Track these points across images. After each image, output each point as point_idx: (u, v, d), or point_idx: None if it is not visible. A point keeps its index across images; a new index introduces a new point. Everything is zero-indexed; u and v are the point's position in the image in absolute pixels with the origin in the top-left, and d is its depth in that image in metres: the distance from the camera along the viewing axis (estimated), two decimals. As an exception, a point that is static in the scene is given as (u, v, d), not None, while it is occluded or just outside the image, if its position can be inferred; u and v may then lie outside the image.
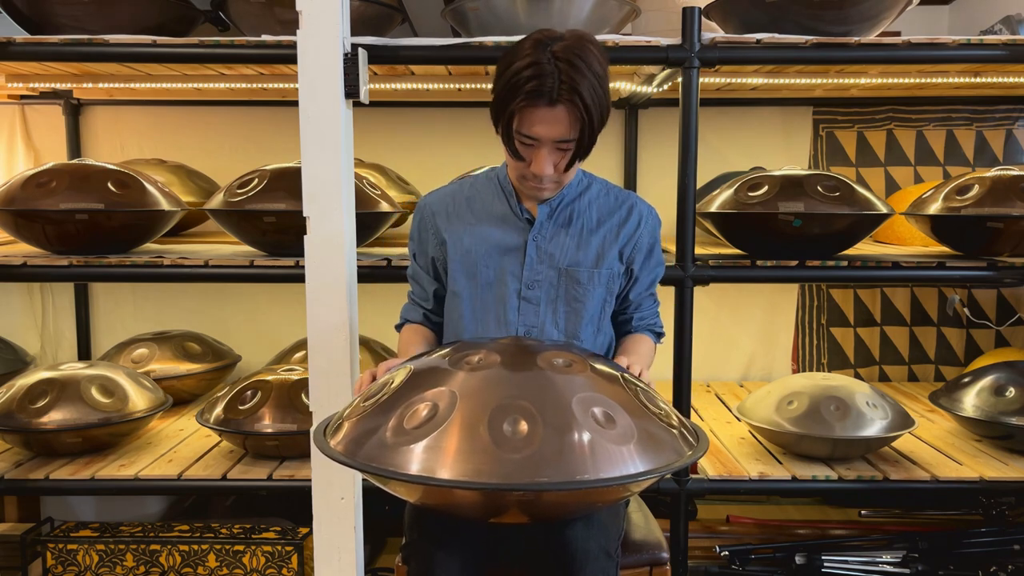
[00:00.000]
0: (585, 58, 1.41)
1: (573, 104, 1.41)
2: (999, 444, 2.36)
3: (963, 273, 2.24)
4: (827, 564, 2.46)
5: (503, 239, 1.63)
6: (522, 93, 1.40)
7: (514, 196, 1.64)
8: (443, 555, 1.43)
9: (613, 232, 1.64)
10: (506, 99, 1.44)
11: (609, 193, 1.68)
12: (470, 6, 2.22)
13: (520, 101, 1.41)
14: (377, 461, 1.14)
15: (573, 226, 1.63)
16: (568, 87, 1.40)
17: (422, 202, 1.72)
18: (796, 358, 3.15)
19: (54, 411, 2.21)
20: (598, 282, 1.62)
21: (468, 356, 1.27)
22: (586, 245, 1.62)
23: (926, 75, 2.51)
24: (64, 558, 2.32)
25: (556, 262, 1.62)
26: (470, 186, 1.71)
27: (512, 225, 1.64)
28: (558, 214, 1.63)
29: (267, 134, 3.03)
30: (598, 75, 1.43)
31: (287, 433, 2.21)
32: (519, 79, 1.41)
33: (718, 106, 3.01)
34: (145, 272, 2.18)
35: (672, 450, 1.20)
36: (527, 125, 1.44)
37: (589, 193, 1.66)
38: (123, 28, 2.18)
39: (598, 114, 1.44)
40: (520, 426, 1.13)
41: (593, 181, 1.69)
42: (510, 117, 1.45)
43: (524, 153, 1.49)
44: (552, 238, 1.62)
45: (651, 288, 1.74)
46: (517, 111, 1.43)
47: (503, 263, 1.62)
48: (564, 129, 1.44)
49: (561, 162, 1.50)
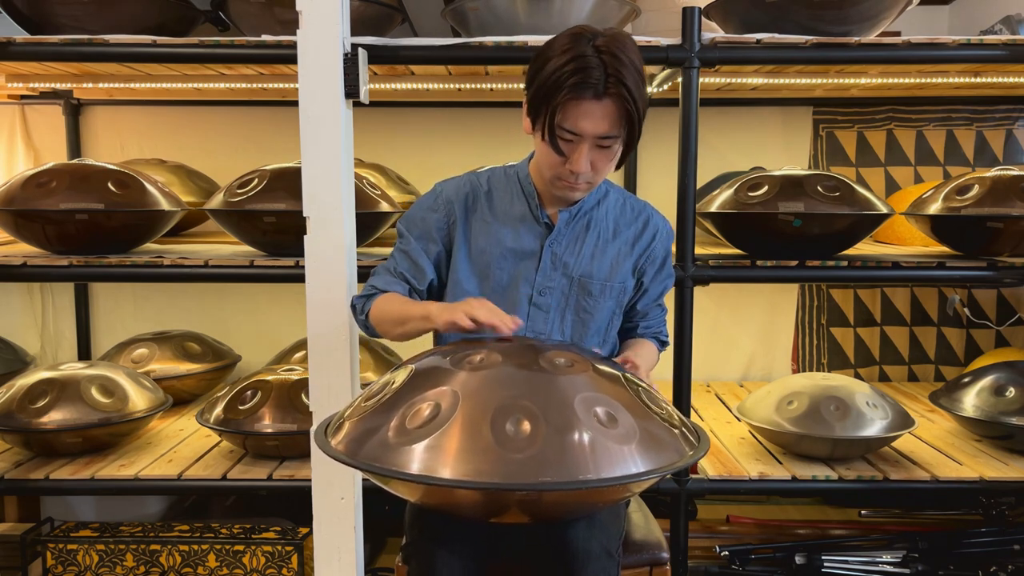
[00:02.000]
0: (627, 52, 1.38)
1: (620, 97, 1.36)
2: (999, 444, 2.36)
3: (963, 273, 2.24)
4: (827, 564, 2.46)
5: (520, 243, 1.59)
6: (566, 87, 1.36)
7: (535, 198, 1.59)
8: (444, 554, 1.42)
9: (628, 245, 1.62)
10: (549, 94, 1.38)
11: (626, 203, 1.65)
12: (470, 6, 2.22)
13: (565, 95, 1.37)
14: (378, 461, 1.13)
15: (590, 235, 1.60)
16: (615, 79, 1.35)
17: (439, 187, 1.64)
18: (796, 358, 3.15)
19: (54, 411, 2.21)
20: (609, 295, 1.60)
21: (470, 356, 1.26)
22: (601, 256, 1.60)
23: (926, 75, 2.51)
24: (64, 558, 2.32)
25: (570, 271, 1.59)
26: (488, 180, 1.64)
27: (530, 229, 1.59)
28: (576, 222, 1.60)
29: (267, 134, 3.03)
30: (639, 70, 1.39)
31: (287, 433, 2.21)
32: (562, 73, 1.36)
33: (718, 106, 3.00)
34: (145, 272, 2.18)
35: (674, 450, 1.19)
36: (572, 120, 1.39)
37: (607, 201, 1.63)
38: (123, 28, 2.18)
39: (642, 109, 1.40)
40: (523, 426, 1.12)
41: (611, 189, 1.65)
42: (553, 112, 1.39)
43: (565, 149, 1.43)
44: (568, 246, 1.59)
45: (659, 299, 1.72)
46: (561, 105, 1.38)
47: (518, 267, 1.59)
48: (610, 124, 1.39)
49: (599, 160, 1.45)
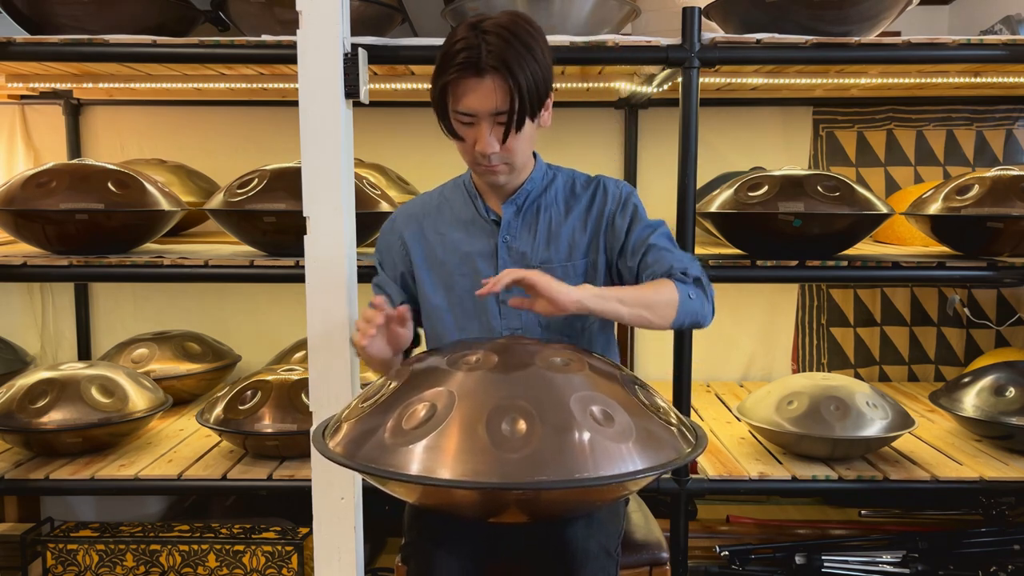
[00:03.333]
0: (515, 31, 1.42)
1: (500, 73, 1.40)
2: (999, 444, 2.36)
3: (963, 273, 2.24)
4: (827, 564, 2.46)
5: (473, 244, 1.61)
6: (452, 66, 1.41)
7: (479, 198, 1.62)
8: (443, 554, 1.43)
9: (581, 219, 1.61)
10: (438, 74, 1.45)
11: (575, 181, 1.65)
12: (470, 6, 2.22)
13: (451, 74, 1.42)
14: (376, 462, 1.13)
15: (541, 221, 1.60)
16: (495, 56, 1.39)
17: (389, 220, 1.70)
18: (796, 358, 3.15)
19: (54, 411, 2.21)
20: (573, 275, 1.59)
21: (466, 356, 1.26)
22: (556, 239, 1.60)
23: (926, 75, 2.51)
24: (64, 558, 2.32)
25: (528, 260, 1.59)
26: (439, 195, 1.69)
27: (480, 228, 1.61)
28: (525, 211, 1.61)
29: (267, 134, 3.03)
30: (528, 46, 1.42)
31: (287, 433, 2.21)
32: (449, 55, 1.42)
33: (718, 106, 3.00)
34: (145, 272, 2.18)
35: (671, 448, 1.19)
36: (460, 100, 1.44)
37: (555, 185, 1.64)
38: (123, 28, 2.18)
39: (529, 84, 1.42)
40: (519, 425, 1.12)
41: (559, 172, 1.66)
42: (444, 94, 1.45)
43: (463, 133, 1.48)
44: (521, 236, 1.60)
45: (653, 239, 1.58)
46: (450, 86, 1.43)
47: (477, 269, 1.60)
48: (497, 101, 1.42)
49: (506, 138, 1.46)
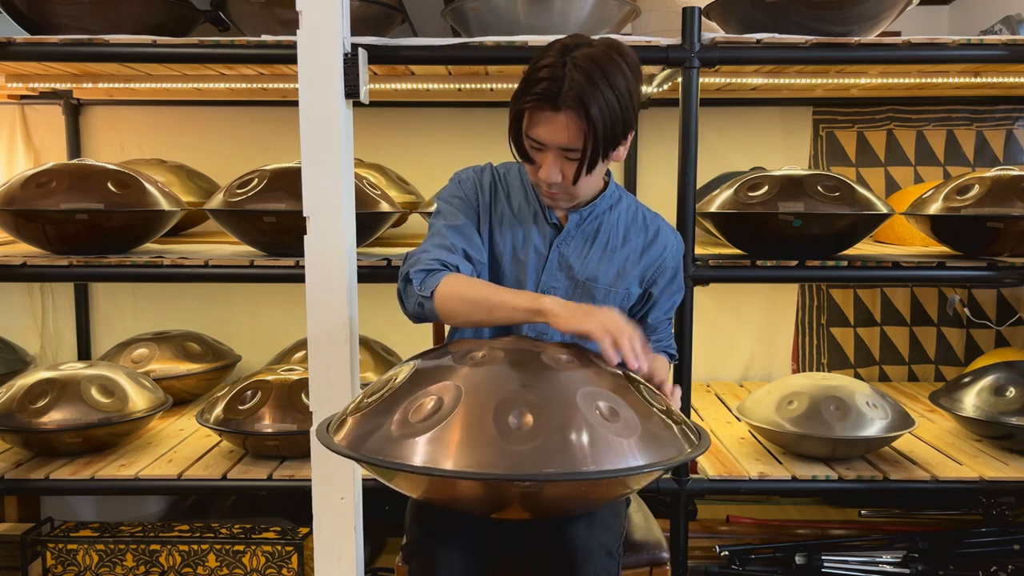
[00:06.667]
0: (605, 68, 1.36)
1: (577, 114, 1.36)
2: (999, 444, 2.36)
3: (963, 273, 2.24)
4: (827, 564, 2.46)
5: (530, 241, 1.59)
6: (532, 94, 1.37)
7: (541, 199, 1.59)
8: (445, 552, 1.42)
9: (637, 253, 1.60)
10: (518, 97, 1.41)
11: (639, 212, 1.64)
12: (470, 6, 2.22)
13: (528, 101, 1.38)
14: (381, 454, 1.13)
15: (599, 240, 1.59)
16: (575, 95, 1.34)
17: (477, 169, 1.63)
18: (796, 358, 3.15)
19: (54, 411, 2.21)
20: (611, 301, 1.59)
21: (472, 352, 1.27)
22: (608, 261, 1.59)
23: (926, 75, 2.51)
24: (64, 558, 2.32)
25: (575, 273, 1.58)
26: (505, 175, 1.63)
27: (540, 229, 1.59)
28: (586, 224, 1.59)
29: (267, 134, 3.03)
30: (617, 88, 1.36)
31: (287, 433, 2.21)
32: (532, 79, 1.38)
33: (718, 106, 3.01)
34: (145, 272, 2.18)
35: (674, 446, 1.20)
36: (532, 127, 1.41)
37: (619, 207, 1.62)
38: (123, 28, 2.18)
39: (606, 128, 1.37)
40: (525, 419, 1.12)
41: (624, 196, 1.64)
42: (519, 116, 1.41)
43: (533, 155, 1.45)
44: (576, 248, 1.58)
45: (669, 313, 1.70)
46: (526, 111, 1.40)
47: (525, 266, 1.58)
48: (568, 137, 1.38)
49: (570, 172, 1.44)
